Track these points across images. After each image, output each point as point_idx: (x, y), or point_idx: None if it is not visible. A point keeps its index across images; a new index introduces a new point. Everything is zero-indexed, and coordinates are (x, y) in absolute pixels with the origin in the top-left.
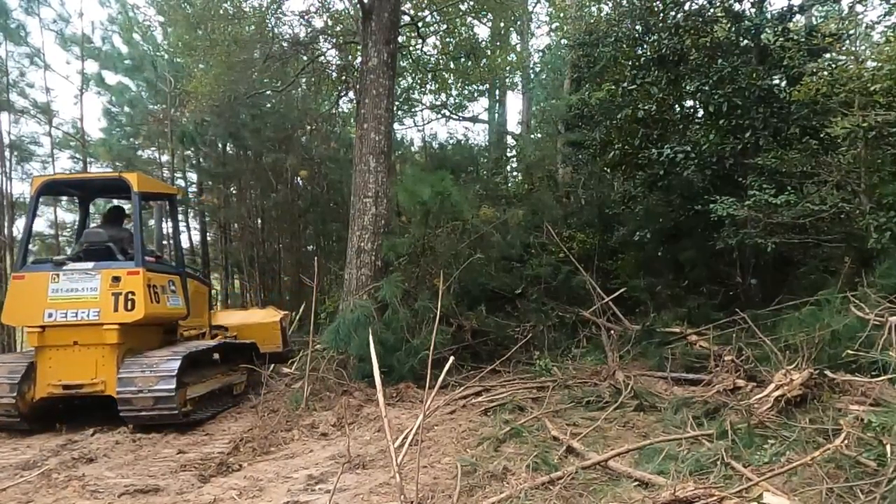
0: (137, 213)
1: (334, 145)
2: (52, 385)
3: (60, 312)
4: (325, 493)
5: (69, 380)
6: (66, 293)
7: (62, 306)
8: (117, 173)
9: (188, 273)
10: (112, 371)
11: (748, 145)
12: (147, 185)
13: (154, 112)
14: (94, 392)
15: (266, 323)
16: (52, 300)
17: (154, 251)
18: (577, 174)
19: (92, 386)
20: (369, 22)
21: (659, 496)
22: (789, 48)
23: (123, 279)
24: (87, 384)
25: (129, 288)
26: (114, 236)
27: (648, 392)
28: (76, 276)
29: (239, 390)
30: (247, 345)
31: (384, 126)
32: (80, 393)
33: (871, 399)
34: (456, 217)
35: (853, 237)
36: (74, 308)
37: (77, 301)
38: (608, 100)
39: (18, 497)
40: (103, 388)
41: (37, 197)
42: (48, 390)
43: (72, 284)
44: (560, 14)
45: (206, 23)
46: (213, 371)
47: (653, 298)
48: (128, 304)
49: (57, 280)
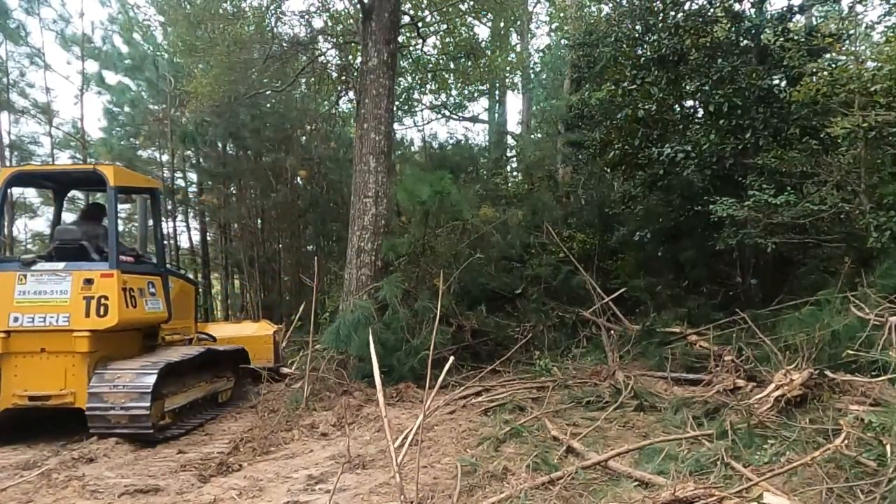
0: (112, 209)
1: (334, 145)
2: (17, 395)
3: (27, 317)
4: (325, 493)
5: (36, 390)
6: (33, 295)
7: (29, 310)
8: (92, 165)
9: (172, 272)
10: (83, 381)
11: (748, 145)
12: (125, 179)
13: (154, 112)
14: (63, 404)
15: (258, 336)
16: (18, 303)
17: (135, 250)
18: (577, 174)
19: (60, 397)
20: (369, 22)
21: (659, 496)
22: (789, 48)
23: (96, 282)
24: (55, 395)
25: (103, 291)
26: (88, 233)
27: (648, 392)
28: (45, 277)
29: (225, 398)
30: (231, 351)
31: (384, 126)
32: (48, 405)
33: (871, 399)
34: (456, 217)
35: (853, 237)
36: (42, 312)
37: (45, 304)
38: (608, 100)
39: (18, 497)
40: (73, 400)
41: (4, 190)
42: (13, 401)
43: (40, 286)
44: (560, 14)
45: (206, 23)
46: (195, 379)
47: (653, 298)
48: (100, 308)
49: (24, 281)
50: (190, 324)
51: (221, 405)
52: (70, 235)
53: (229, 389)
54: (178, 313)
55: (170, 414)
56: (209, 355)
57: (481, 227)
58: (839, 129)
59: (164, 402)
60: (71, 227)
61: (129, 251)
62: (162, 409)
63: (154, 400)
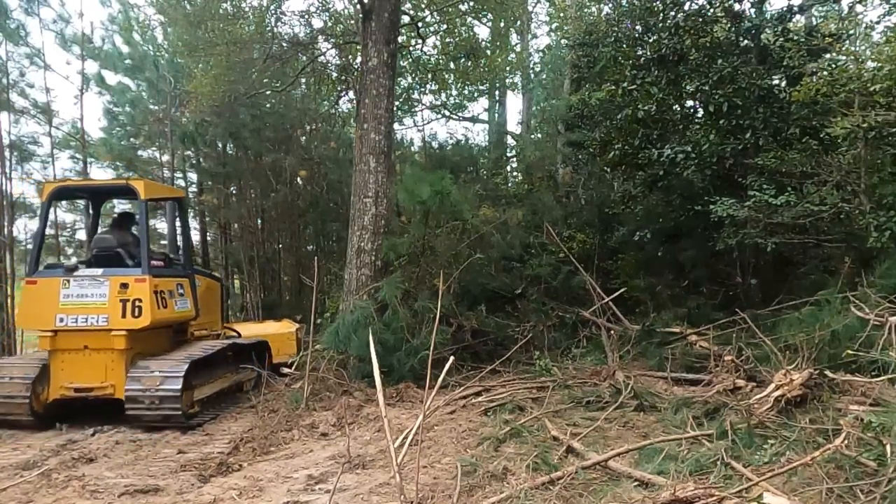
0: (144, 221)
1: (334, 145)
2: (63, 388)
3: (71, 317)
4: (325, 493)
5: (80, 383)
6: (76, 298)
7: (73, 311)
8: (125, 180)
9: (200, 271)
10: (121, 375)
11: (748, 145)
12: (153, 191)
13: (154, 112)
14: (104, 395)
15: (282, 333)
16: (63, 305)
17: (164, 254)
18: (577, 174)
19: (101, 389)
20: (369, 22)
21: (659, 496)
22: (789, 48)
23: (131, 286)
24: (97, 387)
25: (137, 295)
26: (122, 241)
27: (648, 392)
28: (86, 282)
29: (249, 387)
30: (254, 344)
31: (384, 126)
32: (91, 396)
33: (871, 399)
34: (455, 217)
35: (853, 237)
36: (84, 313)
37: (87, 307)
38: (608, 100)
39: (18, 497)
40: (112, 392)
41: (48, 203)
42: (60, 392)
43: (82, 290)
44: (560, 14)
45: (206, 23)
46: (222, 371)
47: (653, 298)
48: (135, 310)
49: (68, 285)
50: (216, 319)
51: (246, 392)
52: (106, 244)
53: (252, 380)
54: (206, 310)
55: (198, 402)
56: (234, 348)
57: (481, 227)
58: (839, 129)
59: (193, 391)
60: (107, 237)
61: (159, 256)
62: (192, 398)
63: (184, 389)
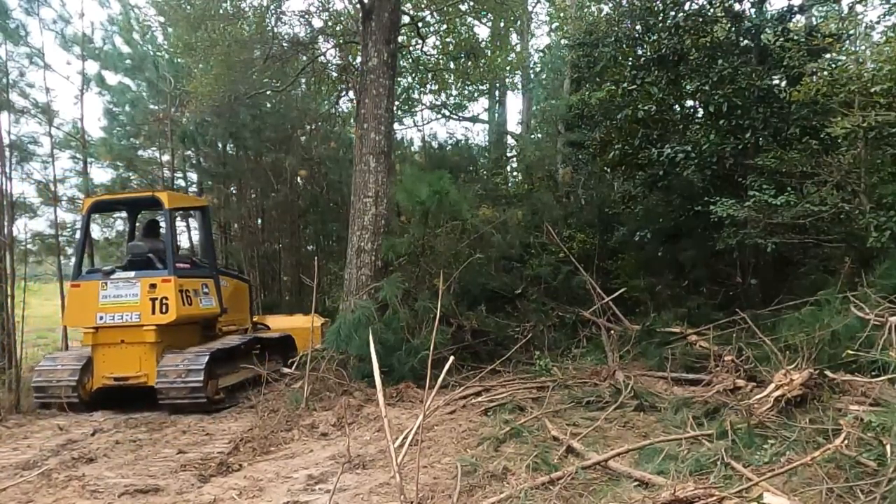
0: (168, 227)
1: (334, 145)
2: (105, 377)
3: (109, 315)
4: (325, 493)
5: (119, 373)
6: (113, 298)
7: (110, 310)
8: (151, 192)
9: (228, 273)
10: (153, 365)
11: (748, 145)
12: (177, 202)
13: (154, 112)
14: (139, 383)
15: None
16: (102, 305)
17: (190, 256)
18: (577, 174)
19: (137, 378)
20: (369, 22)
21: (659, 496)
22: (789, 48)
23: (158, 286)
24: (133, 376)
25: (163, 294)
26: (153, 247)
27: (648, 392)
28: (121, 283)
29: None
30: (276, 338)
31: (384, 126)
32: (128, 384)
33: (871, 399)
34: (455, 217)
35: (853, 237)
36: (120, 311)
37: (122, 305)
38: (608, 100)
39: (18, 497)
40: (146, 380)
41: (88, 215)
42: (102, 381)
43: (117, 291)
44: (560, 14)
45: (206, 23)
46: (246, 362)
47: (653, 298)
48: (162, 307)
49: (105, 287)
50: (245, 316)
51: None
52: (139, 250)
53: (275, 371)
54: (234, 307)
55: (223, 390)
56: (255, 342)
57: (481, 226)
58: (839, 129)
59: (217, 381)
60: (139, 243)
61: (185, 258)
62: (216, 386)
63: (209, 378)
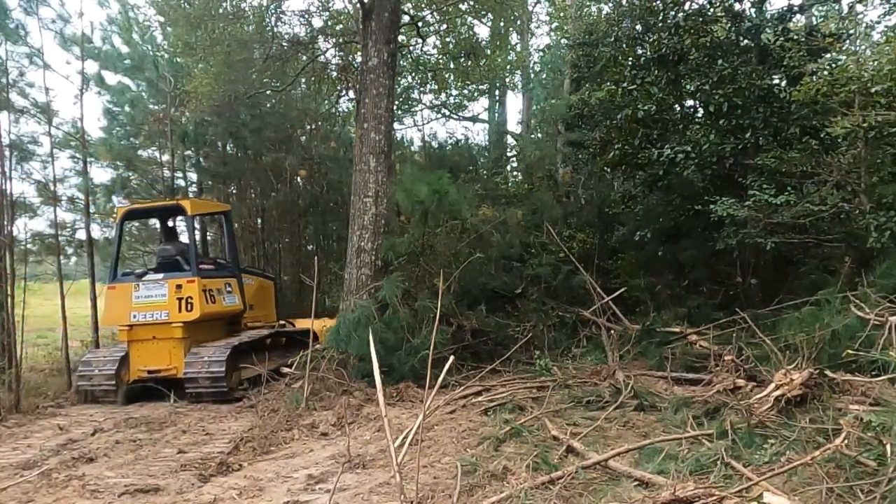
0: (191, 232)
1: (334, 145)
2: (139, 370)
3: (142, 314)
4: (325, 493)
5: (151, 366)
6: (145, 298)
7: (143, 309)
8: (176, 200)
9: (251, 271)
10: (181, 358)
11: (748, 145)
12: (199, 208)
13: (154, 112)
14: (169, 375)
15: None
16: (135, 304)
17: (215, 258)
18: (577, 174)
19: (167, 371)
20: (369, 22)
21: (659, 496)
22: (789, 48)
23: (184, 286)
24: (164, 369)
25: (188, 293)
26: (180, 250)
27: (648, 392)
28: (151, 284)
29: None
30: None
31: (384, 126)
32: (159, 376)
33: (871, 399)
34: (455, 216)
35: (853, 237)
36: (151, 310)
37: (153, 304)
38: (608, 100)
39: (18, 497)
40: (175, 372)
41: (121, 223)
42: (137, 374)
43: (148, 291)
44: (560, 14)
45: (205, 22)
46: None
47: (653, 298)
48: (188, 306)
49: (138, 289)
50: (270, 312)
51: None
52: (167, 253)
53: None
54: (259, 305)
55: (245, 382)
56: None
57: (481, 226)
58: (839, 128)
59: (240, 372)
60: (167, 247)
61: (209, 260)
62: (239, 378)
63: (231, 370)
